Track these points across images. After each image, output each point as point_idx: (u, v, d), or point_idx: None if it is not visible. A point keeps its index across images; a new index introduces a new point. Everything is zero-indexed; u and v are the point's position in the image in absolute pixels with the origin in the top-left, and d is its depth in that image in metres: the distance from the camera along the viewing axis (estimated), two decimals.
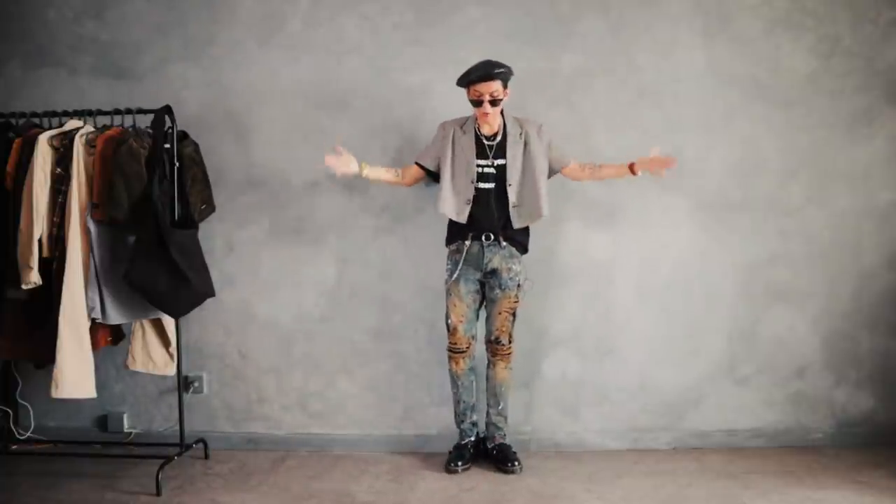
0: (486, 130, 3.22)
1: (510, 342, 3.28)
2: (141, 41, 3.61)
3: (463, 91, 3.18)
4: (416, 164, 3.32)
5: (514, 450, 3.31)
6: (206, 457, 3.48)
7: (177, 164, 3.18)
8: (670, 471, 3.24)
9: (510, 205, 3.18)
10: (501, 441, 3.33)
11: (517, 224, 3.19)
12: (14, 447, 3.57)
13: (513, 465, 3.24)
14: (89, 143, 3.10)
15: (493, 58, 3.13)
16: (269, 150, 3.60)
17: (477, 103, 3.11)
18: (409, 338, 3.58)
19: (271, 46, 3.58)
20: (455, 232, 3.25)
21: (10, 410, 3.61)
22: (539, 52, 3.48)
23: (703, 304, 3.53)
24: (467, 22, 3.51)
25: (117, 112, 3.20)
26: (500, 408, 3.33)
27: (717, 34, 3.48)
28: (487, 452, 3.36)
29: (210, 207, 3.43)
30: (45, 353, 3.06)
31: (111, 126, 3.19)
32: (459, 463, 3.27)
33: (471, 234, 3.20)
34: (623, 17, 3.49)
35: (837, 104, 3.48)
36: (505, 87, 3.12)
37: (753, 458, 3.37)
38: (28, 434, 3.62)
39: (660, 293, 3.53)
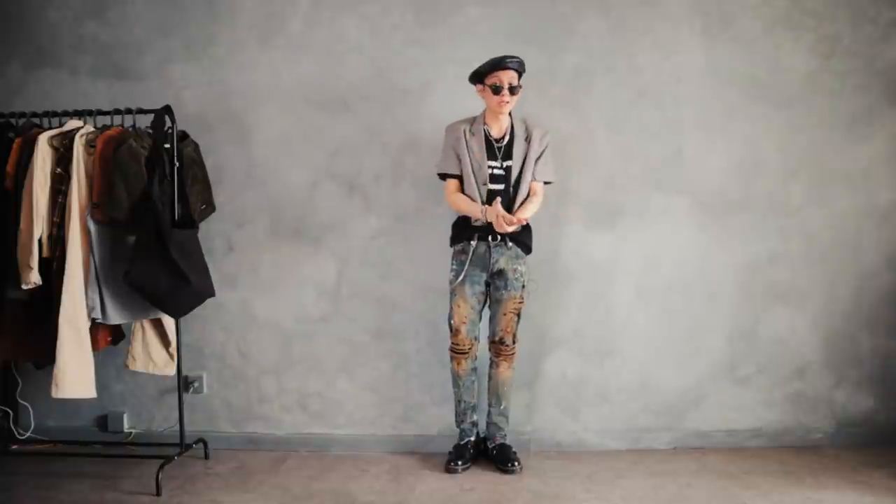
0: (494, 132, 3.20)
1: (514, 342, 3.27)
2: (141, 41, 3.62)
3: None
4: (446, 175, 3.22)
5: (514, 450, 3.31)
6: (206, 457, 3.47)
7: (177, 164, 3.18)
8: (670, 471, 3.24)
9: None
10: (502, 441, 3.33)
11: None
12: (14, 447, 3.57)
13: (513, 465, 3.23)
14: (89, 143, 3.09)
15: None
16: (269, 150, 3.60)
17: (496, 89, 3.08)
18: (409, 338, 3.58)
19: (272, 46, 3.58)
20: (461, 232, 3.23)
21: (10, 410, 3.61)
22: (539, 52, 3.47)
23: (703, 304, 3.53)
24: (467, 22, 3.51)
25: (117, 112, 3.20)
26: (501, 407, 3.32)
27: (717, 34, 3.48)
28: (487, 452, 3.36)
29: (210, 207, 3.43)
30: (45, 353, 3.06)
31: (111, 126, 3.18)
32: (459, 463, 3.27)
33: (477, 235, 3.19)
34: (623, 17, 3.49)
35: (837, 104, 3.48)
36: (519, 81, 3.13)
37: (753, 458, 3.36)
38: (28, 434, 3.62)
39: (660, 293, 3.53)
